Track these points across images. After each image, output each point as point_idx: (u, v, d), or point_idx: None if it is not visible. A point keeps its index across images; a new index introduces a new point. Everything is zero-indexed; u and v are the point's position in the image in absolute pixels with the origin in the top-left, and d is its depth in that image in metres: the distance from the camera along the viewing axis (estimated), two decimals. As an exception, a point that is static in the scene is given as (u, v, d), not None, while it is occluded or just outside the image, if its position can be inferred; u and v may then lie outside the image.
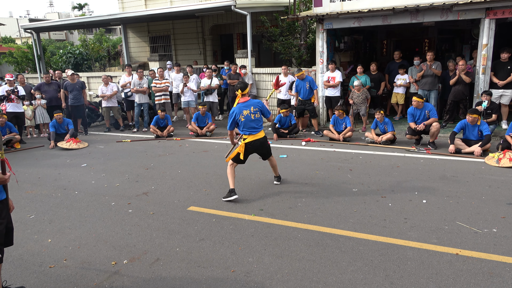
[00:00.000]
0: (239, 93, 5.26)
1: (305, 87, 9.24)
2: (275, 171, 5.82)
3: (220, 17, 15.60)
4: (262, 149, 5.41)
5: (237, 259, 3.71)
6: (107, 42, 29.68)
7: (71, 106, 10.34)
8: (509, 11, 7.79)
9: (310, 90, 9.26)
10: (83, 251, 3.99)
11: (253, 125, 5.24)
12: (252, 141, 5.26)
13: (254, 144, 5.28)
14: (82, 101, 10.44)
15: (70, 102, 10.29)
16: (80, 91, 10.34)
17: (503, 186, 5.34)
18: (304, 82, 9.25)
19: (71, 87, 10.22)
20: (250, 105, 5.24)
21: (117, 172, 6.80)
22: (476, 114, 6.97)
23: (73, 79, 10.30)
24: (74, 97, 10.24)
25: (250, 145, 5.27)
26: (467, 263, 3.47)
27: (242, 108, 5.21)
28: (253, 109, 5.23)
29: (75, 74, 10.89)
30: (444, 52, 12.82)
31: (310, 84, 9.21)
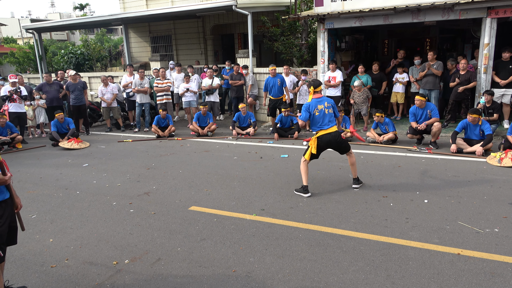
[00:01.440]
0: (312, 89, 5.39)
1: (276, 84, 9.30)
2: (353, 171, 5.53)
3: (221, 17, 15.60)
4: (335, 143, 5.35)
5: (238, 259, 3.71)
6: (108, 42, 29.74)
7: (73, 106, 10.36)
8: (510, 10, 7.77)
9: (281, 88, 9.31)
10: (84, 251, 3.99)
11: (326, 120, 5.30)
12: (323, 135, 5.30)
13: (325, 138, 5.29)
14: (84, 101, 10.46)
15: (72, 102, 10.31)
16: (82, 91, 10.36)
17: (505, 186, 5.33)
18: (275, 79, 9.30)
19: (72, 87, 10.24)
20: (324, 101, 5.35)
21: (119, 172, 6.81)
22: (477, 114, 6.95)
23: (75, 79, 10.32)
24: (75, 97, 10.26)
25: (321, 139, 5.30)
26: (469, 263, 3.46)
27: (317, 103, 5.32)
28: (327, 104, 5.34)
29: (77, 74, 10.90)
30: (446, 52, 12.79)
31: (281, 81, 9.27)
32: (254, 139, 9.12)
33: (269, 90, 9.48)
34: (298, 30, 12.15)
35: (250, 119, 9.71)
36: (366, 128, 9.40)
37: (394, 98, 10.16)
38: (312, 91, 5.41)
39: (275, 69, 9.46)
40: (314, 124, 5.37)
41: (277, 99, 9.48)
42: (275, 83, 9.39)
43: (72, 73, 10.38)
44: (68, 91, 10.35)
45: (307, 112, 5.33)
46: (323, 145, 5.33)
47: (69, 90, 10.28)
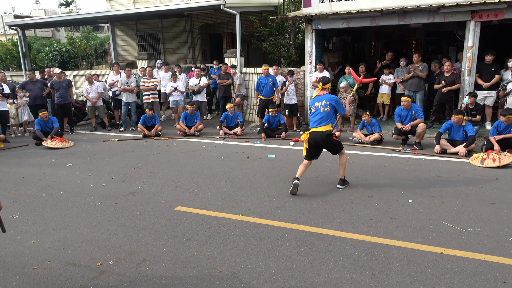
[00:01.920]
0: (320, 86, 5.43)
1: (268, 84, 9.32)
2: (341, 171, 5.53)
3: (209, 16, 15.54)
4: (323, 142, 5.31)
5: (224, 259, 3.70)
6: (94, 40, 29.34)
7: (57, 105, 10.17)
8: (493, 14, 7.93)
9: (273, 88, 9.35)
10: (67, 252, 3.93)
11: (317, 118, 5.32)
12: (312, 132, 5.33)
13: (313, 135, 5.31)
14: (69, 99, 10.28)
15: (57, 100, 10.12)
16: (67, 89, 10.18)
17: (487, 186, 5.44)
18: (267, 79, 9.33)
19: (57, 85, 10.05)
20: (323, 99, 5.35)
21: (104, 172, 6.72)
22: (461, 114, 7.08)
23: (59, 77, 10.14)
24: (60, 95, 10.07)
25: (310, 137, 5.33)
26: (451, 262, 3.52)
27: (315, 100, 5.40)
28: (324, 102, 5.31)
29: (62, 72, 10.72)
30: (431, 54, 12.99)
31: (273, 81, 9.31)
32: (242, 139, 9.11)
33: (261, 89, 9.47)
34: (286, 31, 12.17)
35: (237, 119, 9.70)
36: (352, 128, 9.47)
37: (380, 99, 10.27)
38: (320, 87, 5.45)
39: (267, 68, 9.44)
40: (310, 120, 5.47)
41: (268, 99, 9.47)
42: (267, 83, 9.38)
43: (57, 71, 10.18)
44: (53, 89, 10.15)
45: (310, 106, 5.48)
46: (312, 142, 5.35)
47: (54, 88, 10.09)
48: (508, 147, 6.76)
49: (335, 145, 5.43)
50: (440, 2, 8.11)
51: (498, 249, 3.71)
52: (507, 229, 4.12)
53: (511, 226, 4.19)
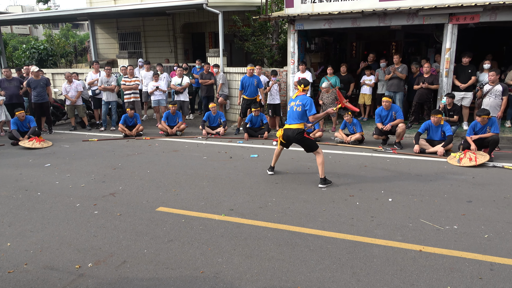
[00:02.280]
0: (301, 87, 5.72)
1: (252, 84, 9.35)
2: (319, 170, 5.61)
3: (191, 15, 15.43)
4: (293, 139, 5.70)
5: (207, 259, 3.68)
6: (73, 37, 28.74)
7: (35, 104, 9.90)
8: (470, 17, 8.15)
9: (257, 88, 9.38)
10: (45, 255, 3.83)
11: (291, 116, 5.70)
12: (285, 129, 5.77)
13: (286, 132, 5.75)
14: (47, 98, 10.02)
15: (34, 99, 9.84)
16: (44, 88, 9.92)
17: (464, 185, 5.58)
18: (252, 79, 9.35)
19: (34, 83, 9.78)
20: (297, 99, 5.68)
21: (83, 172, 6.59)
22: (439, 114, 7.25)
23: (37, 76, 9.87)
24: (38, 94, 9.80)
25: (284, 133, 5.78)
26: (430, 259, 3.59)
27: (292, 100, 5.78)
28: (298, 102, 5.65)
29: (40, 70, 10.45)
30: (410, 55, 13.26)
31: (257, 81, 9.34)
32: (224, 139, 9.08)
33: (245, 89, 9.45)
34: (269, 31, 12.21)
35: (220, 119, 9.66)
36: (334, 128, 9.57)
37: (362, 100, 10.41)
38: (301, 89, 5.73)
39: (252, 69, 9.41)
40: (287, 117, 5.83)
41: (252, 99, 9.47)
42: (251, 83, 9.37)
43: (34, 69, 9.91)
44: (29, 88, 9.87)
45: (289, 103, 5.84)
46: (285, 138, 5.81)
47: (31, 86, 9.81)
48: (484, 147, 6.95)
49: (307, 143, 5.70)
50: (419, 5, 8.28)
51: (475, 246, 3.81)
52: (483, 226, 4.24)
53: (487, 223, 4.31)
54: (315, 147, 5.70)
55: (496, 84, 7.73)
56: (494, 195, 5.15)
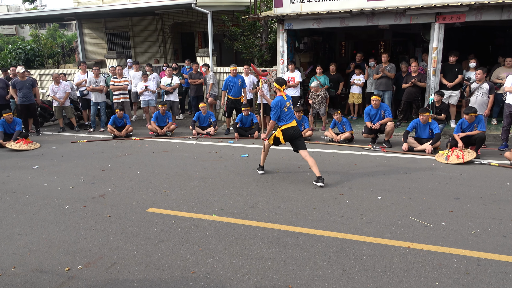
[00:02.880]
0: (282, 87, 5.84)
1: (237, 84, 9.36)
2: (314, 170, 5.64)
3: (180, 15, 15.36)
4: (296, 135, 5.82)
5: (197, 260, 3.68)
6: (61, 37, 28.39)
7: (21, 105, 9.75)
8: (456, 17, 8.27)
9: (241, 88, 9.39)
10: (34, 258, 3.79)
11: (290, 115, 5.84)
12: (288, 128, 5.81)
13: (289, 131, 5.81)
14: (33, 99, 9.87)
15: (20, 100, 9.69)
16: (31, 89, 9.77)
17: (451, 182, 5.67)
18: (236, 79, 9.37)
19: (20, 84, 9.63)
20: (289, 99, 5.93)
21: (72, 174, 6.52)
22: (427, 112, 7.34)
23: (22, 77, 9.72)
24: (24, 95, 9.65)
25: (287, 132, 5.81)
26: (418, 256, 3.64)
27: (285, 101, 5.81)
28: (291, 101, 5.93)
29: (26, 71, 10.30)
30: (398, 54, 13.39)
31: (241, 81, 9.36)
32: (215, 139, 9.07)
33: (229, 89, 9.46)
34: (258, 30, 12.22)
35: (210, 119, 9.65)
36: (324, 127, 9.63)
37: (352, 99, 10.48)
38: (282, 89, 5.85)
39: (236, 69, 9.46)
40: (281, 119, 5.80)
41: (236, 99, 9.49)
42: (235, 83, 9.39)
43: (20, 70, 9.75)
44: (15, 89, 9.71)
45: (277, 111, 5.74)
46: (287, 138, 5.85)
47: (16, 88, 9.65)
48: (471, 144, 7.06)
49: (302, 140, 5.92)
50: (406, 5, 8.38)
51: (462, 242, 3.87)
52: (470, 222, 4.31)
53: (474, 220, 4.39)
54: (304, 146, 5.86)
55: (482, 83, 7.85)
56: (480, 192, 5.24)
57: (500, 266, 3.43)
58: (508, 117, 7.39)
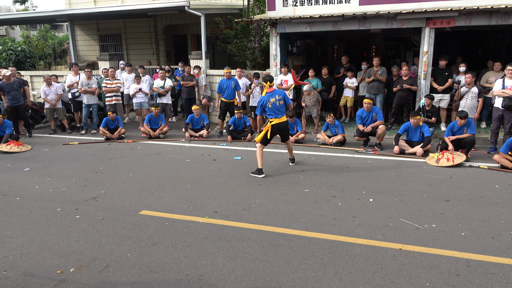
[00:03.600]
0: (267, 84, 6.28)
1: (230, 87, 9.39)
2: (290, 154, 6.84)
3: (173, 17, 15.36)
4: (285, 131, 6.46)
5: (191, 262, 3.69)
6: (52, 39, 28.18)
7: (10, 107, 9.64)
8: (446, 21, 8.40)
9: (234, 91, 9.43)
10: (25, 261, 3.76)
11: (277, 110, 6.26)
12: (277, 123, 6.27)
13: (278, 125, 6.30)
14: (22, 100, 9.76)
15: (9, 103, 9.57)
16: (19, 91, 9.64)
17: (442, 184, 5.75)
18: (229, 81, 9.40)
19: (8, 87, 9.48)
20: (275, 94, 6.28)
21: (64, 176, 6.48)
22: (418, 115, 7.44)
23: (8, 79, 9.58)
24: (12, 97, 9.53)
25: (276, 126, 6.28)
26: (409, 257, 3.69)
27: (270, 96, 6.23)
28: (278, 97, 6.26)
29: (18, 72, 10.17)
30: (390, 58, 13.54)
31: (235, 84, 9.39)
32: (207, 141, 9.07)
33: (223, 92, 9.48)
34: (251, 33, 12.27)
35: (203, 121, 9.65)
36: (316, 130, 9.69)
37: (344, 101, 10.56)
38: (267, 86, 6.27)
39: (230, 72, 9.48)
40: (268, 114, 6.30)
41: (230, 101, 9.51)
42: (229, 85, 9.41)
43: (6, 73, 9.61)
44: (3, 92, 9.58)
45: (261, 106, 6.26)
46: (276, 131, 6.34)
47: (4, 91, 9.50)
48: (461, 147, 7.17)
49: (288, 132, 6.66)
50: (397, 9, 8.49)
51: (452, 244, 3.93)
52: (460, 224, 4.38)
53: (463, 221, 4.46)
54: (288, 137, 6.68)
55: (472, 87, 7.98)
56: (470, 194, 5.32)
57: (489, 267, 3.49)
58: (496, 120, 7.52)
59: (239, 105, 9.54)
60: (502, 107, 7.36)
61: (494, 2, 7.87)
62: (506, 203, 4.98)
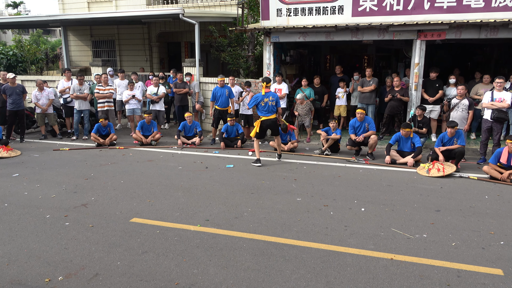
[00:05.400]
0: (264, 84, 7.38)
1: (224, 95, 9.42)
2: (278, 149, 7.90)
3: (168, 25, 15.40)
4: (273, 126, 7.57)
5: (182, 271, 3.65)
6: (45, 44, 28.02)
7: (10, 111, 9.54)
8: (437, 34, 8.55)
9: (228, 99, 9.46)
10: (12, 269, 3.69)
11: (269, 109, 7.42)
12: (265, 119, 7.47)
13: (266, 122, 7.49)
14: (23, 105, 9.72)
15: (9, 107, 9.48)
16: (21, 96, 9.61)
17: (432, 194, 5.80)
18: (223, 89, 9.43)
19: (10, 90, 9.44)
20: (269, 95, 7.40)
21: (53, 183, 6.40)
22: (408, 128, 7.52)
23: (13, 82, 9.56)
24: (13, 101, 9.46)
25: (264, 123, 7.49)
26: (401, 267, 3.70)
27: (264, 97, 7.36)
28: (271, 98, 7.40)
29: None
30: (382, 69, 13.70)
31: (229, 92, 9.43)
32: (200, 149, 9.05)
33: (217, 99, 9.49)
34: (245, 42, 12.34)
35: (196, 129, 9.63)
36: (309, 139, 9.73)
37: (337, 111, 10.60)
38: (264, 86, 7.34)
39: (223, 80, 9.49)
40: (260, 111, 7.44)
41: (224, 109, 9.52)
42: (223, 93, 9.42)
43: (10, 76, 9.59)
44: (5, 95, 9.52)
45: (254, 102, 7.43)
46: (265, 126, 7.53)
47: (6, 93, 9.46)
48: (451, 158, 7.25)
49: (277, 128, 7.71)
50: (389, 21, 8.63)
51: (443, 254, 3.96)
52: (450, 234, 4.41)
53: (454, 232, 4.49)
54: (278, 133, 7.74)
55: (463, 99, 8.10)
56: (460, 204, 5.37)
57: (479, 278, 3.52)
58: (485, 132, 7.64)
59: (232, 113, 9.55)
60: (491, 119, 7.48)
61: (483, 17, 8.05)
62: (496, 214, 5.04)
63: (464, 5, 8.17)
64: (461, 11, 8.19)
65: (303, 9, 9.30)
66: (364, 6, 8.80)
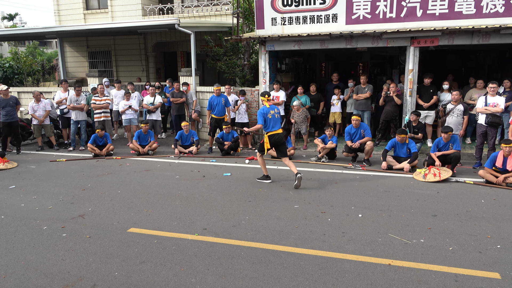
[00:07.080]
0: (266, 98, 6.82)
1: (220, 103, 9.47)
2: (292, 169, 6.62)
3: (163, 35, 15.50)
4: (280, 142, 6.76)
5: (180, 280, 3.64)
6: (41, 55, 28.08)
7: (3, 123, 9.54)
8: (430, 40, 8.66)
9: (225, 107, 9.51)
10: (9, 281, 3.67)
11: (276, 122, 6.76)
12: (273, 134, 6.71)
13: (274, 136, 6.71)
14: (16, 117, 9.72)
15: (3, 118, 9.49)
16: (14, 107, 9.62)
17: (429, 200, 5.82)
18: (219, 98, 9.48)
19: (3, 102, 9.45)
20: (274, 108, 6.84)
21: (50, 194, 6.38)
22: (404, 134, 7.57)
23: (6, 94, 9.56)
24: (7, 113, 9.47)
25: (272, 138, 6.70)
26: (398, 273, 3.71)
27: (269, 109, 6.75)
28: (276, 110, 6.85)
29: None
30: (376, 76, 13.81)
31: (225, 100, 9.48)
32: (197, 158, 9.06)
33: (213, 108, 9.54)
34: (240, 51, 12.43)
35: (192, 138, 9.65)
36: (305, 146, 9.76)
37: (332, 118, 10.67)
38: (266, 99, 6.80)
39: (219, 88, 9.55)
40: (267, 126, 6.71)
41: (220, 118, 9.56)
42: (219, 102, 9.47)
43: (3, 88, 9.60)
44: None
45: (262, 117, 6.65)
46: (272, 142, 6.72)
47: (0, 106, 9.47)
48: (447, 163, 7.29)
49: (285, 146, 6.99)
50: (383, 29, 8.73)
51: (440, 259, 3.97)
52: (447, 239, 4.43)
53: (451, 236, 4.51)
54: (286, 154, 6.91)
55: (458, 104, 8.18)
56: (457, 209, 5.40)
57: (477, 282, 3.53)
58: (480, 136, 7.70)
59: (228, 121, 9.59)
60: (485, 124, 7.55)
61: (475, 23, 8.17)
62: (492, 218, 5.06)
63: (456, 12, 8.28)
64: (453, 18, 8.31)
65: (297, 18, 9.40)
66: (357, 14, 8.91)
